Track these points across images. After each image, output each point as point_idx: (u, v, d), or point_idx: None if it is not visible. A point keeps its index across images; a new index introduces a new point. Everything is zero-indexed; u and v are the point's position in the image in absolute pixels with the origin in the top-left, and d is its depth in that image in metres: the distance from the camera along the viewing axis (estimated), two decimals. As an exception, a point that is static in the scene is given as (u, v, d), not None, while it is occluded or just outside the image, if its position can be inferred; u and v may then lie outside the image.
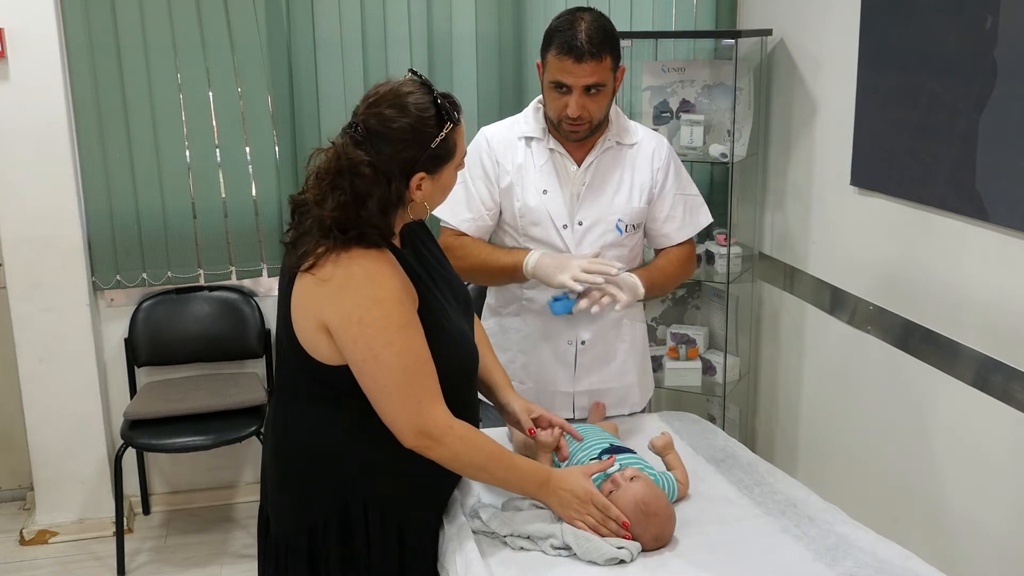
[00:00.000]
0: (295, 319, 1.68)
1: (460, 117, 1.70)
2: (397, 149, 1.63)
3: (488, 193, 2.26)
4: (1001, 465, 2.34)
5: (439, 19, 3.42)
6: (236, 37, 3.29)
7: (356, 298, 1.62)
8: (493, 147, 2.27)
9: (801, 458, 3.31)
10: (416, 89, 1.67)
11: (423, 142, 1.64)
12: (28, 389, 3.38)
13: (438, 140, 1.64)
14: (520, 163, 2.25)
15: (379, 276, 1.63)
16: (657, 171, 2.30)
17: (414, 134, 1.63)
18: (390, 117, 1.63)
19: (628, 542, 1.66)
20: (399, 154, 1.63)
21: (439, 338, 1.70)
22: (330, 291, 1.62)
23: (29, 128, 3.19)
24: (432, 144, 1.64)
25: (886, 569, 1.62)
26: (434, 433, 1.65)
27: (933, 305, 2.55)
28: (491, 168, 2.26)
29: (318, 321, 1.64)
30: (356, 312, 1.61)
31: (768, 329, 3.48)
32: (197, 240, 3.44)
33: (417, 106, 1.64)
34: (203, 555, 3.35)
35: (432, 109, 1.65)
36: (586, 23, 2.10)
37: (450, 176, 1.74)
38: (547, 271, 2.14)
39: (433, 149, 1.65)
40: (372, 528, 1.73)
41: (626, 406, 2.39)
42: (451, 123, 1.66)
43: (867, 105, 2.75)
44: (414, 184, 1.66)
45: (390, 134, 1.62)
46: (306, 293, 1.66)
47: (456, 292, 1.88)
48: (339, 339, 1.63)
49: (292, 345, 1.69)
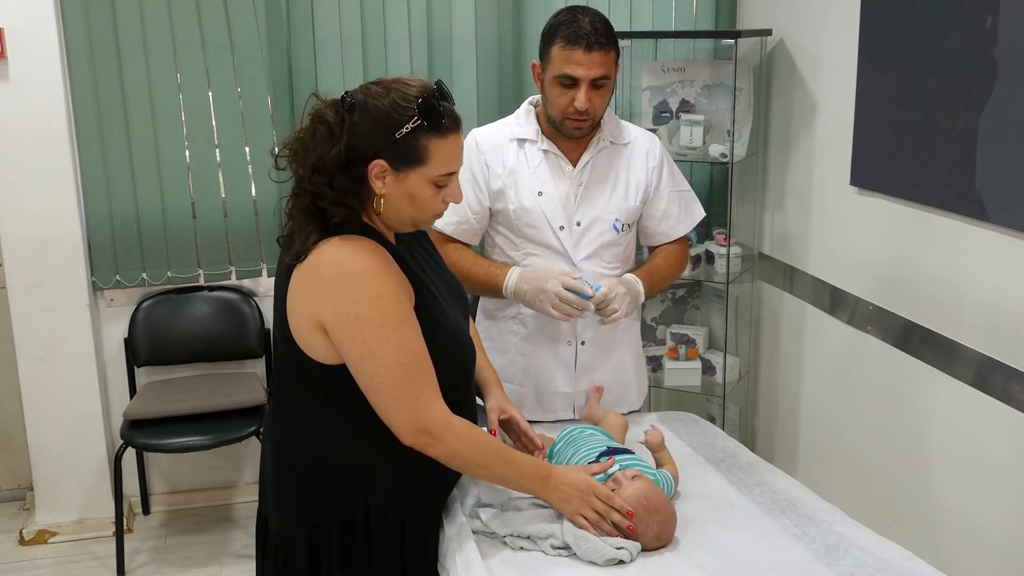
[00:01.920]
0: (291, 318, 1.68)
1: (447, 129, 1.65)
2: (365, 124, 1.62)
3: (475, 196, 2.24)
4: (1001, 465, 2.34)
5: (439, 19, 3.42)
6: (236, 37, 3.29)
7: (352, 296, 1.61)
8: (483, 150, 2.26)
9: (801, 458, 3.31)
10: (419, 86, 1.66)
11: (389, 129, 1.62)
12: (28, 389, 3.38)
13: (403, 131, 1.62)
14: (512, 166, 2.24)
15: (374, 273, 1.63)
16: (652, 170, 2.30)
17: (385, 117, 1.62)
18: (373, 94, 1.64)
19: (628, 542, 1.66)
20: (365, 129, 1.62)
21: (436, 335, 1.70)
22: (326, 289, 1.62)
23: (29, 128, 3.19)
24: (396, 134, 1.62)
25: (886, 569, 1.62)
26: (433, 430, 1.65)
27: (933, 305, 2.55)
28: (480, 171, 2.25)
29: (314, 320, 1.64)
30: (352, 310, 1.61)
31: (768, 329, 3.48)
32: (197, 240, 3.44)
33: (403, 96, 1.64)
34: (203, 555, 3.35)
35: (414, 103, 1.63)
36: (590, 16, 2.11)
37: (419, 186, 1.66)
38: (526, 297, 2.16)
39: (397, 140, 1.62)
40: (373, 529, 1.73)
41: (625, 404, 2.38)
42: (425, 124, 1.62)
43: (867, 105, 2.75)
44: (372, 170, 1.64)
45: (366, 109, 1.63)
46: (302, 291, 1.66)
47: (452, 289, 1.88)
48: (335, 338, 1.63)
49: (288, 344, 1.69)
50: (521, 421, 1.95)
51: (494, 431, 1.92)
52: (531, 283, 2.15)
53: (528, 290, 2.15)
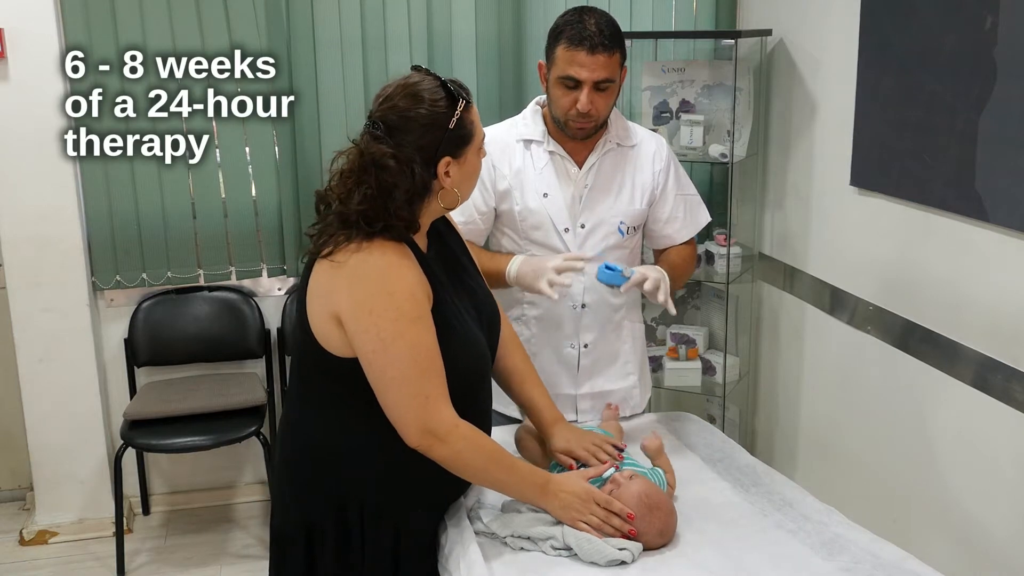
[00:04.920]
0: (310, 307, 1.69)
1: (470, 98, 1.73)
2: (417, 137, 1.65)
3: (481, 198, 2.24)
4: (1001, 465, 2.34)
5: (439, 19, 3.42)
6: (236, 37, 3.29)
7: (370, 288, 1.62)
8: (490, 151, 2.25)
9: (801, 458, 3.31)
10: (423, 78, 1.69)
11: (441, 125, 1.66)
12: (28, 389, 3.38)
13: (454, 120, 1.67)
14: (519, 167, 2.24)
15: (394, 268, 1.64)
16: (659, 173, 2.30)
17: (431, 119, 1.66)
18: (405, 107, 1.66)
19: (629, 543, 1.66)
20: (420, 141, 1.65)
21: (448, 339, 1.70)
22: (344, 280, 1.63)
23: (29, 128, 3.19)
24: (450, 125, 1.67)
25: (883, 566, 1.62)
26: (439, 431, 1.65)
27: (933, 305, 2.54)
28: (486, 172, 2.23)
29: (331, 310, 1.65)
30: (368, 302, 1.62)
31: (768, 329, 3.48)
32: (197, 240, 3.44)
33: (429, 92, 1.67)
34: (203, 555, 3.35)
35: (442, 92, 1.68)
36: (596, 17, 2.10)
37: (474, 160, 1.76)
38: (527, 280, 2.13)
39: (452, 131, 1.67)
40: (368, 530, 1.73)
41: (628, 407, 2.38)
42: (464, 101, 1.69)
43: (867, 105, 2.75)
44: (441, 170, 1.68)
45: (408, 124, 1.65)
46: (322, 281, 1.67)
47: (479, 304, 1.86)
48: (350, 329, 1.63)
49: (304, 334, 1.70)
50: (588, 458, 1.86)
51: (572, 465, 1.86)
52: (532, 265, 2.13)
53: (529, 270, 2.13)
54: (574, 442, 1.89)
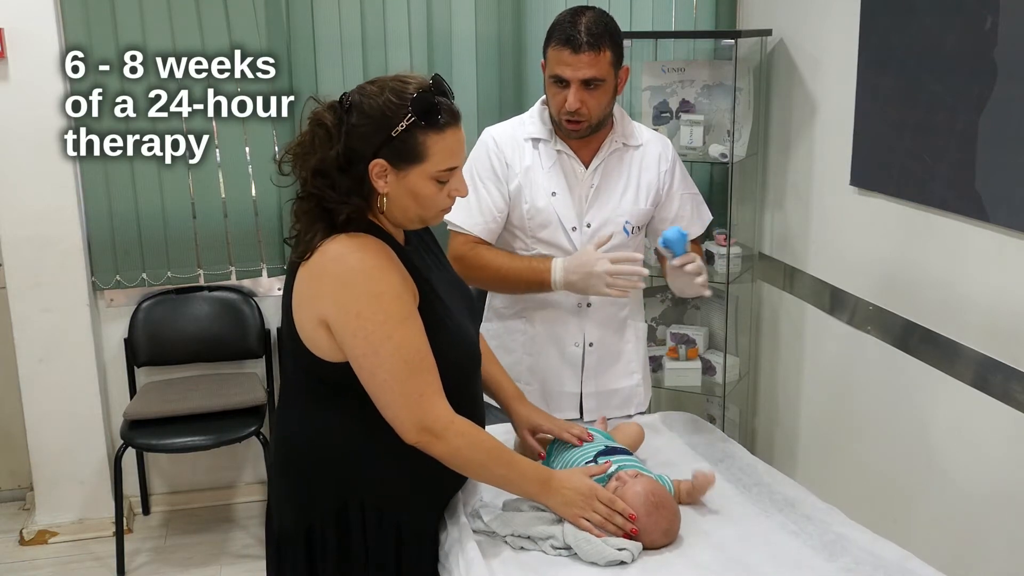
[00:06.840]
0: (296, 314, 1.68)
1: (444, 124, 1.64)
2: (363, 124, 1.63)
3: (499, 194, 2.23)
4: (1001, 465, 2.34)
5: (439, 19, 3.42)
6: (236, 37, 3.29)
7: (355, 292, 1.62)
8: (501, 147, 2.25)
9: (801, 458, 3.31)
10: (415, 82, 1.66)
11: (385, 126, 1.62)
12: (28, 389, 3.38)
13: (399, 130, 1.62)
14: (528, 165, 2.24)
15: (378, 270, 1.63)
16: (664, 173, 2.30)
17: (381, 115, 1.63)
18: (369, 93, 1.65)
19: (629, 543, 1.66)
20: (363, 129, 1.63)
21: (440, 335, 1.70)
22: (329, 286, 1.63)
23: (29, 128, 3.18)
24: (393, 132, 1.62)
25: (884, 566, 1.62)
26: (435, 428, 1.65)
27: (933, 305, 2.55)
28: (500, 169, 2.24)
29: (318, 316, 1.64)
30: (355, 306, 1.61)
31: (768, 329, 3.48)
32: (197, 240, 3.44)
33: (400, 92, 1.64)
34: (203, 555, 3.35)
35: (408, 100, 1.62)
36: (586, 17, 2.11)
37: (421, 183, 1.66)
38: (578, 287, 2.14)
39: (394, 138, 1.62)
40: (369, 528, 1.73)
41: (632, 406, 2.38)
42: (421, 121, 1.62)
43: (867, 105, 2.75)
44: (374, 169, 1.64)
45: (362, 108, 1.64)
46: (306, 288, 1.66)
47: (459, 292, 1.88)
48: (338, 334, 1.63)
49: (293, 341, 1.70)
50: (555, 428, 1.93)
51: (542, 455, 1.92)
52: (579, 271, 2.13)
53: (578, 279, 2.13)
54: (537, 416, 1.96)
